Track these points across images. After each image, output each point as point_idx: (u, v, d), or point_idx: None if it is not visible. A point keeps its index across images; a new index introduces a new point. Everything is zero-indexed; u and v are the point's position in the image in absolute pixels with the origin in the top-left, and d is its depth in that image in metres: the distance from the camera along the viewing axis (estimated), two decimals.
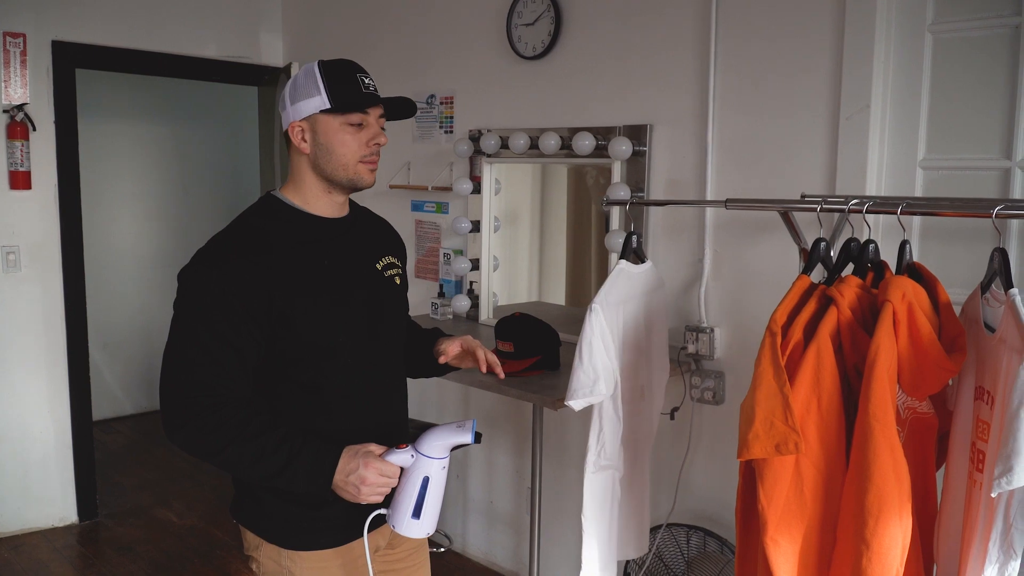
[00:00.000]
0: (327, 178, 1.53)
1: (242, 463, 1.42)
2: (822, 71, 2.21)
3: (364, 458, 1.41)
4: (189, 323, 1.46)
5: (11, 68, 3.44)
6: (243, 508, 1.59)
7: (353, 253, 1.60)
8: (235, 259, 1.45)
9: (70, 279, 3.69)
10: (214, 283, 1.43)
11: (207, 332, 1.43)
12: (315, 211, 1.56)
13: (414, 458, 1.44)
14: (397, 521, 1.47)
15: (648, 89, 2.62)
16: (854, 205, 1.66)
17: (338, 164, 1.51)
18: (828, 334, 1.51)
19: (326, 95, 1.48)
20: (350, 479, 1.40)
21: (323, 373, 1.52)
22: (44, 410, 3.69)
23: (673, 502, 2.43)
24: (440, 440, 1.45)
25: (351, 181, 1.53)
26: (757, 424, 1.48)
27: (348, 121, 1.50)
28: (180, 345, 1.45)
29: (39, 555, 3.50)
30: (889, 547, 1.40)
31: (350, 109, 1.49)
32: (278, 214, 1.55)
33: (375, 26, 3.64)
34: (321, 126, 1.50)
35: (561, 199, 3.30)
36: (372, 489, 1.41)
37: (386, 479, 1.42)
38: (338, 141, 1.50)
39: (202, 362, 1.42)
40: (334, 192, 1.56)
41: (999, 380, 1.40)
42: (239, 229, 1.53)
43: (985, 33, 2.00)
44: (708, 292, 2.50)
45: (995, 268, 1.47)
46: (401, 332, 1.72)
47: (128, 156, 5.33)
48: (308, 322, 1.47)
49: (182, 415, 1.41)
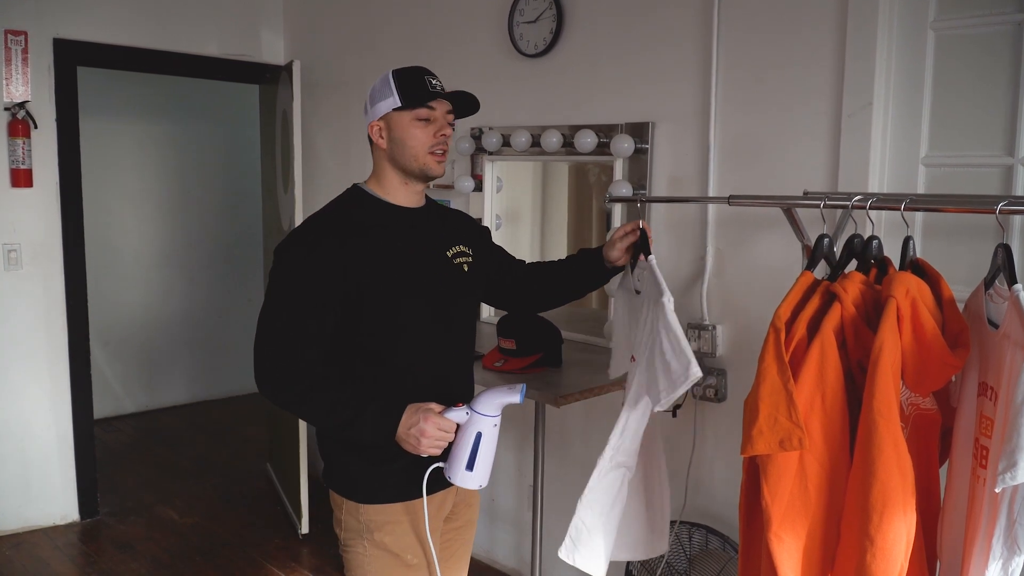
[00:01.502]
0: (402, 169, 1.72)
1: (318, 413, 1.65)
2: (824, 68, 2.21)
3: (424, 413, 1.59)
4: (280, 293, 1.66)
5: (12, 66, 3.44)
6: (331, 473, 1.79)
7: (425, 240, 1.77)
8: (320, 239, 1.66)
9: (71, 277, 3.69)
10: (301, 259, 1.65)
11: (294, 301, 1.64)
12: (394, 200, 1.75)
13: (469, 415, 1.62)
14: (453, 473, 1.64)
15: (650, 87, 2.62)
16: (857, 201, 1.65)
17: (410, 156, 1.70)
18: (832, 330, 1.51)
19: (397, 95, 1.68)
20: (411, 431, 1.58)
21: (391, 348, 1.70)
22: (45, 408, 3.69)
23: (684, 501, 2.42)
24: (493, 399, 1.62)
25: (422, 171, 1.71)
26: (761, 420, 1.48)
27: (417, 116, 1.68)
28: (271, 311, 1.66)
29: (40, 553, 3.50)
30: (893, 543, 1.40)
31: (417, 104, 1.67)
32: (362, 202, 1.75)
33: (377, 24, 3.64)
34: (394, 122, 1.70)
35: (563, 197, 3.30)
36: (431, 441, 1.59)
37: (443, 433, 1.60)
38: (409, 135, 1.69)
39: (288, 327, 1.63)
40: (410, 183, 1.74)
41: (1003, 376, 1.40)
42: (327, 214, 1.74)
43: (987, 30, 1.99)
44: (710, 289, 2.50)
45: (999, 264, 1.46)
46: (470, 316, 1.89)
47: (129, 154, 5.34)
48: (376, 299, 1.66)
49: (270, 370, 1.64)
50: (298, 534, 3.61)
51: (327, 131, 3.99)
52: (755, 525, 1.62)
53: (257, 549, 3.51)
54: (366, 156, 1.80)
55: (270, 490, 4.18)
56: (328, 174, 3.97)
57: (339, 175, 3.88)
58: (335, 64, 3.91)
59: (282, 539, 3.61)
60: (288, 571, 3.33)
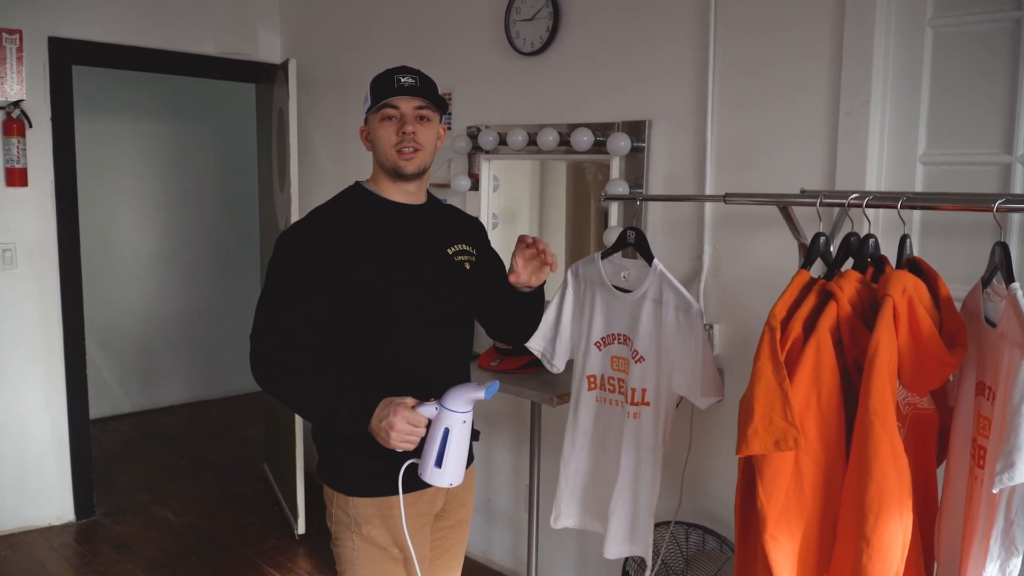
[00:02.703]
0: (383, 168, 1.74)
1: (298, 400, 1.67)
2: (821, 66, 2.20)
3: (396, 407, 1.57)
4: (275, 281, 1.69)
5: (7, 64, 3.43)
6: (324, 467, 1.80)
7: (426, 237, 1.79)
8: (316, 232, 1.70)
9: (67, 276, 3.68)
10: (297, 250, 1.68)
11: (288, 290, 1.67)
12: (391, 197, 1.76)
13: (438, 411, 1.59)
14: (423, 469, 1.61)
15: (647, 85, 2.60)
16: (854, 199, 1.65)
17: (382, 154, 1.72)
18: (828, 329, 1.50)
19: (370, 97, 1.73)
20: (382, 424, 1.57)
21: (386, 342, 1.71)
22: (41, 408, 3.68)
23: (680, 501, 2.41)
24: (461, 395, 1.59)
25: (393, 168, 1.72)
26: (756, 420, 1.47)
27: (383, 116, 1.71)
28: (267, 299, 1.69)
29: (36, 553, 3.49)
30: (890, 544, 1.39)
31: (377, 102, 1.70)
32: (363, 199, 1.77)
33: (373, 22, 3.63)
34: (371, 124, 1.74)
35: (560, 196, 3.28)
36: (400, 435, 1.56)
37: (412, 427, 1.57)
38: (377, 135, 1.72)
39: (282, 315, 1.66)
40: (397, 182, 1.75)
41: (1000, 375, 1.39)
42: (327, 208, 1.77)
43: (985, 27, 1.98)
44: (707, 289, 2.49)
45: (996, 262, 1.45)
46: (468, 312, 1.89)
47: (125, 153, 5.32)
48: (372, 294, 1.67)
49: (261, 356, 1.66)
50: (295, 534, 3.60)
51: (323, 130, 3.98)
52: (751, 525, 1.61)
53: (253, 549, 3.50)
54: (362, 154, 1.82)
55: (267, 490, 4.16)
56: (325, 172, 3.96)
57: (336, 173, 3.87)
58: (331, 63, 3.90)
59: (278, 539, 3.60)
60: (284, 571, 3.32)
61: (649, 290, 2.07)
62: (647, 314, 2.07)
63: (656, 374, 2.09)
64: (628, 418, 2.12)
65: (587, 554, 2.93)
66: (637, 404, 2.10)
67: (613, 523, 2.17)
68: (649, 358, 2.07)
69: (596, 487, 2.24)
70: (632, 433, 2.13)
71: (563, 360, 2.24)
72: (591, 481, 2.25)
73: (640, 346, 2.07)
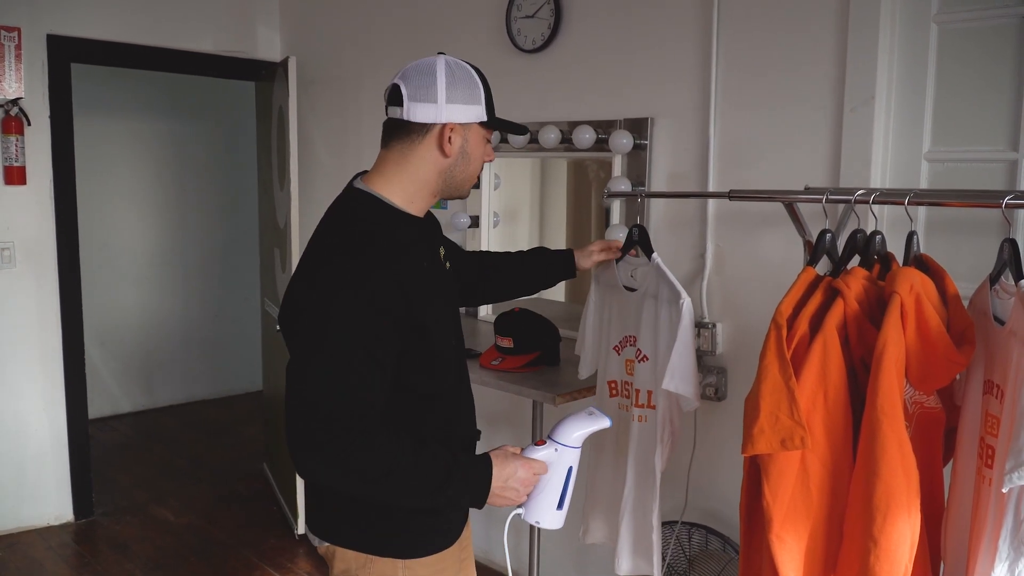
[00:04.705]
0: (450, 183, 1.49)
1: (400, 488, 1.35)
2: (826, 63, 2.19)
3: (514, 459, 1.42)
4: (336, 345, 1.31)
5: (6, 62, 3.41)
6: (341, 530, 1.50)
7: (434, 251, 1.56)
8: (375, 272, 1.33)
9: (66, 275, 3.67)
10: (362, 302, 1.32)
11: (355, 353, 1.31)
12: (413, 211, 1.48)
13: (558, 452, 1.47)
14: (541, 515, 1.49)
15: (649, 82, 2.59)
16: (860, 196, 1.63)
17: (470, 174, 1.50)
18: (834, 326, 1.48)
19: (485, 108, 1.47)
20: (509, 483, 1.41)
21: (439, 379, 1.48)
22: (40, 407, 3.66)
23: (684, 501, 2.39)
24: (578, 430, 1.48)
25: (465, 187, 1.53)
26: (762, 419, 1.45)
27: (488, 136, 1.52)
28: (324, 366, 1.31)
29: (34, 553, 3.47)
30: (898, 544, 1.37)
31: (495, 123, 1.50)
32: (386, 216, 1.44)
33: (373, 20, 3.61)
34: (472, 135, 1.48)
35: (561, 193, 3.27)
36: (528, 489, 1.44)
37: (537, 476, 1.44)
38: (477, 155, 1.50)
39: (349, 383, 1.31)
40: (438, 196, 1.51)
41: (1009, 373, 1.37)
42: (363, 237, 1.39)
43: (991, 24, 1.97)
44: (711, 287, 2.48)
45: (1005, 259, 1.44)
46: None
47: (124, 151, 5.31)
48: (439, 328, 1.43)
49: (321, 437, 1.30)
50: (294, 534, 3.59)
51: (323, 127, 3.96)
52: (756, 526, 1.59)
53: (252, 549, 3.49)
54: (362, 153, 1.74)
55: (266, 490, 4.15)
56: (324, 170, 3.95)
57: (335, 171, 3.85)
58: (331, 60, 3.88)
59: (277, 539, 3.58)
60: (283, 571, 3.31)
61: (649, 286, 2.02)
62: (647, 311, 2.00)
63: (657, 374, 2.01)
64: (634, 421, 2.05)
65: (588, 554, 2.92)
66: (642, 407, 2.03)
67: (623, 533, 2.08)
68: (651, 357, 2.02)
69: (610, 498, 2.18)
70: (637, 438, 2.05)
71: (588, 369, 2.19)
72: (609, 491, 2.18)
73: (643, 344, 2.02)
